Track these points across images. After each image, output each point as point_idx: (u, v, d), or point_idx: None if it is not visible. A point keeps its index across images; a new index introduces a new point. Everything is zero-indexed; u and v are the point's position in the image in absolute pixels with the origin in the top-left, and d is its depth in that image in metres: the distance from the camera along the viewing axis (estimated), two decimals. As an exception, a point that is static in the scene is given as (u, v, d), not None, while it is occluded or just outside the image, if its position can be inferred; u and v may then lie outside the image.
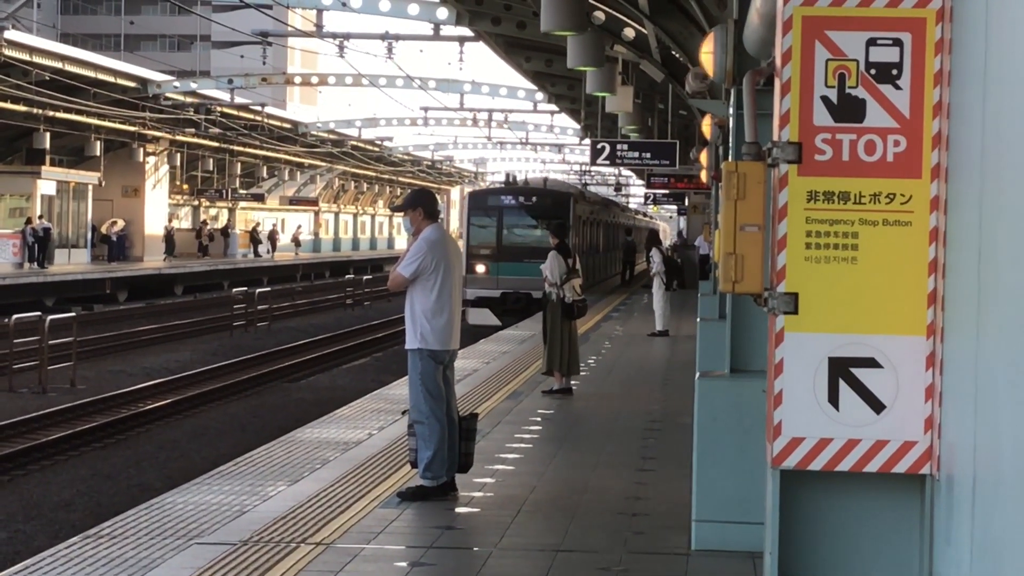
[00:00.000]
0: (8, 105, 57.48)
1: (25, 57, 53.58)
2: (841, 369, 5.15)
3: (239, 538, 11.50)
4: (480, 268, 47.90)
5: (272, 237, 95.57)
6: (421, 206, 13.69)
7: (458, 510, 12.84)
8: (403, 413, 14.20)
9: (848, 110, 5.17)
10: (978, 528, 4.46)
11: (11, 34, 50.15)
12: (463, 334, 14.04)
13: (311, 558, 10.91)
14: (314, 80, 65.44)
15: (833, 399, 5.15)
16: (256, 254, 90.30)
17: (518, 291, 46.52)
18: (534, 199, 49.71)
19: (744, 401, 10.82)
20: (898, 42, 5.16)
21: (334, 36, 42.59)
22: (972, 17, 4.83)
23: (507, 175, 57.67)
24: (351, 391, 28.97)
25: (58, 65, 56.37)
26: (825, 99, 5.17)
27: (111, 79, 61.32)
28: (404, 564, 10.80)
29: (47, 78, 55.65)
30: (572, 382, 21.88)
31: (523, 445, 16.63)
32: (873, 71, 5.17)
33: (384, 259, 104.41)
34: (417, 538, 11.73)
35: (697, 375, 11.63)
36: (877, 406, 5.15)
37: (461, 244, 40.99)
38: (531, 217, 49.32)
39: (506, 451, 16.08)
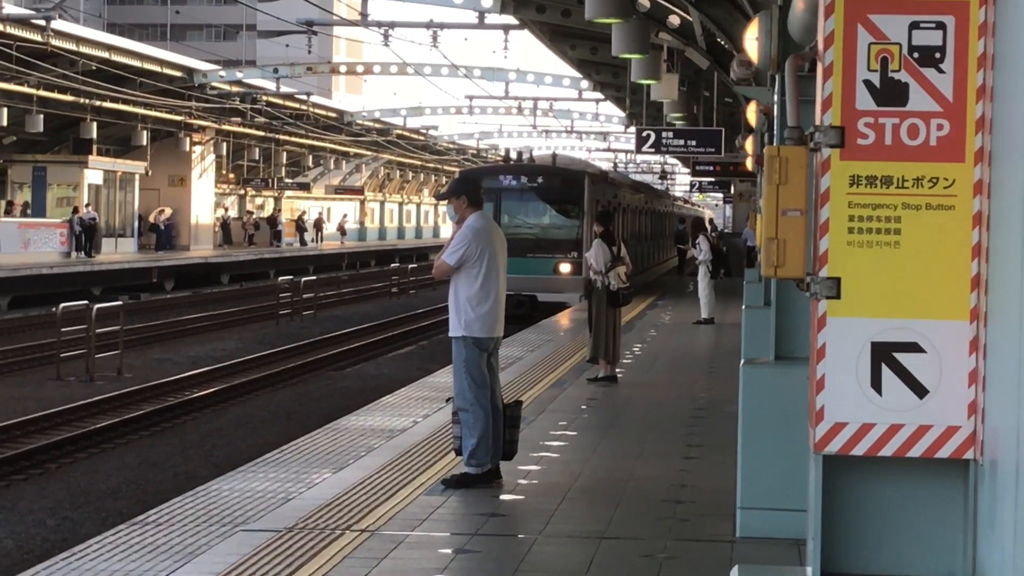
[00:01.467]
0: (55, 95, 57.70)
1: (72, 47, 53.77)
2: (884, 354, 5.14)
3: (284, 525, 11.54)
4: None
5: (318, 226, 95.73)
6: (465, 193, 13.70)
7: (502, 497, 12.85)
8: (447, 400, 14.20)
9: (891, 94, 5.15)
10: (1022, 513, 4.44)
11: (58, 24, 50.32)
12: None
13: (356, 545, 10.94)
14: (359, 69, 65.46)
15: (876, 384, 5.14)
16: (302, 243, 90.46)
17: (520, 293, 38.62)
18: (539, 180, 42.07)
19: (789, 388, 10.78)
20: (941, 25, 5.14)
21: (379, 25, 42.62)
22: (1015, 0, 4.80)
23: (506, 151, 50.06)
24: (396, 379, 29.02)
25: (105, 55, 56.54)
26: (868, 83, 5.15)
27: (157, 69, 61.48)
28: (449, 551, 10.81)
29: (94, 68, 55.82)
30: (617, 370, 21.87)
31: (568, 432, 16.64)
32: (916, 55, 5.15)
33: (429, 248, 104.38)
34: (462, 525, 11.75)
35: (742, 362, 11.61)
36: (920, 391, 5.13)
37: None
38: (535, 202, 42.40)
39: (550, 439, 16.09)
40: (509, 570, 10.32)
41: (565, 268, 40.83)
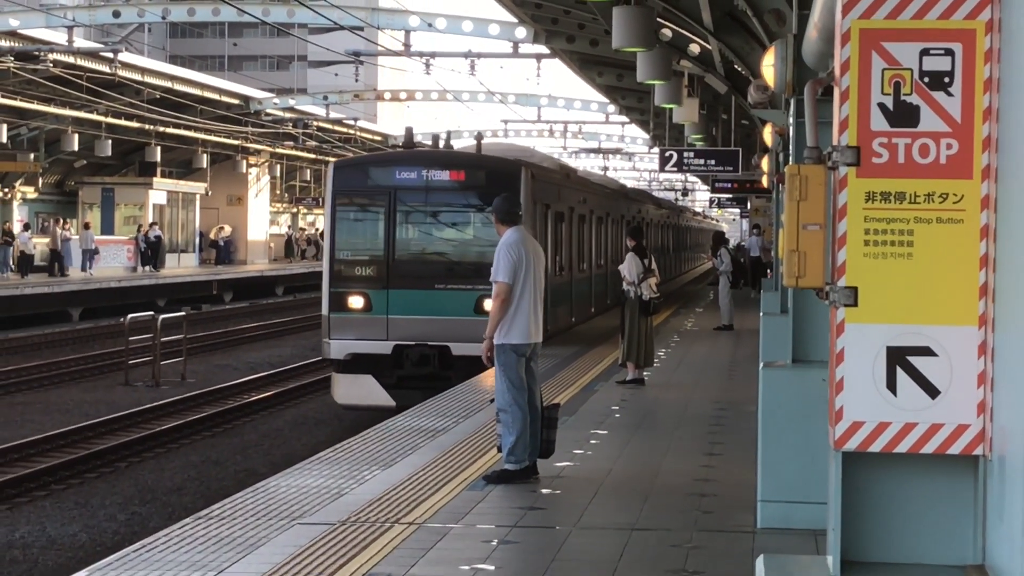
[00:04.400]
0: (122, 122, 57.96)
1: (138, 77, 53.98)
2: (898, 357, 5.12)
3: (338, 518, 11.55)
4: (353, 301, 25.39)
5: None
6: (495, 212, 13.72)
7: (540, 491, 12.84)
8: (490, 402, 14.19)
9: (903, 116, 5.13)
10: (1029, 505, 4.42)
11: (125, 56, 50.47)
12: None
13: (404, 537, 10.94)
14: (403, 96, 65.53)
15: (891, 385, 5.11)
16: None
17: (423, 344, 24.92)
18: (454, 175, 26.17)
19: (806, 389, 10.76)
20: (950, 52, 5.12)
21: (421, 55, 42.63)
22: (1019, 28, 4.78)
23: (407, 131, 30.17)
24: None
25: (168, 84, 56.74)
26: (881, 106, 5.13)
27: (216, 97, 61.69)
28: (491, 542, 10.80)
29: (158, 96, 56.04)
30: (644, 373, 21.85)
31: (600, 432, 16.62)
32: (926, 79, 5.13)
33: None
34: (502, 518, 11.74)
35: (761, 365, 11.58)
36: (932, 392, 5.11)
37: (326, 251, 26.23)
38: (448, 207, 26.40)
39: (584, 437, 16.07)
40: (547, 560, 10.31)
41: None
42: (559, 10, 31.44)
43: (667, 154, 37.03)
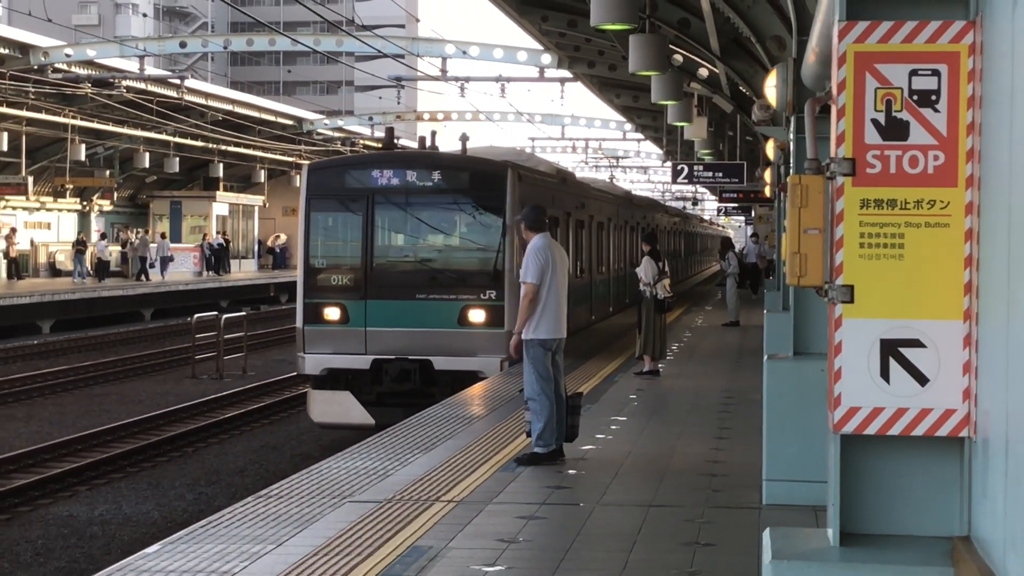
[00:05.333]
0: (188, 141, 58.18)
1: (202, 101, 54.12)
2: (891, 349, 5.10)
3: (384, 496, 11.56)
4: (329, 313, 21.73)
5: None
6: (523, 220, 13.72)
7: (566, 472, 12.83)
8: (520, 392, 14.18)
9: (894, 130, 5.11)
10: (1011, 483, 4.40)
11: (191, 82, 50.68)
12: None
13: (445, 512, 10.94)
14: (440, 116, 65.54)
15: (884, 374, 5.10)
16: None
17: (403, 358, 21.39)
18: (434, 177, 22.21)
19: (806, 378, 10.75)
20: (936, 72, 5.10)
21: (456, 79, 42.65)
22: (999, 51, 4.77)
23: (387, 131, 27.17)
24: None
25: (229, 107, 56.88)
26: (875, 121, 5.12)
27: (272, 118, 61.82)
28: (522, 518, 10.80)
29: (220, 118, 56.19)
30: (659, 365, 21.83)
31: (619, 418, 16.60)
32: (915, 97, 5.11)
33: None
34: (532, 496, 11.74)
35: (765, 358, 11.57)
36: (922, 380, 5.10)
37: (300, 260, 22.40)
38: (429, 211, 22.40)
39: (606, 423, 16.05)
40: (573, 533, 10.30)
41: (478, 316, 21.44)
42: (580, 39, 31.40)
43: (679, 167, 36.98)
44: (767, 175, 30.80)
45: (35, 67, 42.24)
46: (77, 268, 54.82)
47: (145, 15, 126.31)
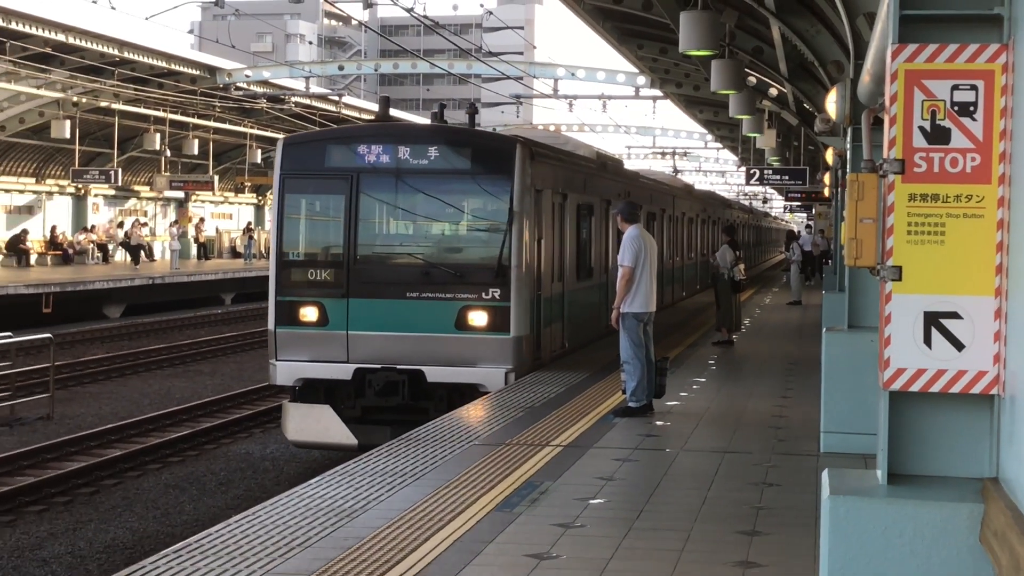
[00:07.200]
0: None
1: (355, 115, 54.54)
2: (933, 319, 5.05)
3: (504, 440, 11.63)
4: (305, 313, 15.81)
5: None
6: (619, 213, 13.68)
7: (655, 423, 12.82)
8: (618, 358, 14.16)
9: (938, 136, 5.05)
10: (1033, 432, 4.35)
11: (347, 99, 51.08)
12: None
13: (553, 455, 10.98)
14: (552, 128, 65.50)
15: (927, 341, 5.04)
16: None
17: (394, 365, 15.54)
18: (432, 152, 15.80)
19: (858, 347, 10.68)
20: (974, 87, 5.03)
21: (565, 97, 42.63)
22: (1029, 68, 4.71)
23: (382, 100, 18.66)
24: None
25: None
26: (922, 128, 5.06)
27: (413, 129, 62.08)
28: (618, 460, 10.81)
29: (370, 129, 56.52)
30: (734, 336, 21.70)
31: (700, 379, 16.53)
32: (956, 108, 5.05)
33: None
34: (626, 442, 11.74)
35: (824, 330, 11.48)
36: (959, 346, 5.04)
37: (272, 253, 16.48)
38: (423, 194, 15.94)
39: (688, 383, 16.00)
40: (660, 474, 10.29)
41: (479, 319, 15.67)
42: (670, 63, 31.21)
43: (751, 172, 36.74)
44: (826, 178, 30.50)
45: (221, 86, 42.90)
46: (247, 251, 55.73)
47: (311, 43, 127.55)
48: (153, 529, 13.47)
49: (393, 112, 51.39)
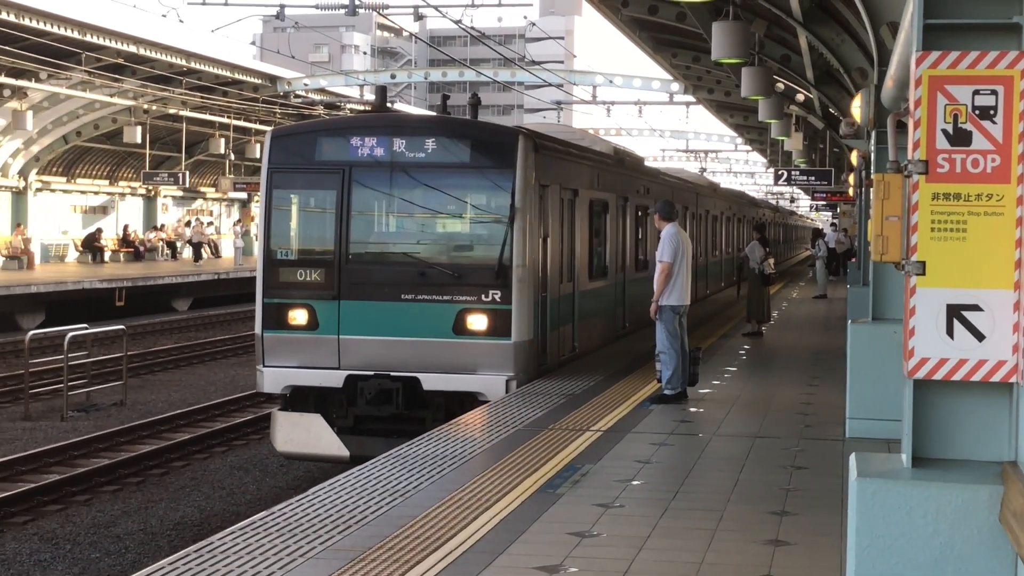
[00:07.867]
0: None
1: (406, 120, 54.65)
2: (955, 311, 5.01)
3: (547, 425, 11.63)
4: (294, 316, 14.03)
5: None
6: (658, 212, 13.64)
7: (689, 409, 12.79)
8: (652, 347, 14.12)
9: (960, 138, 5.02)
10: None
11: (398, 105, 51.11)
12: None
13: (594, 439, 10.98)
14: (590, 132, 65.42)
15: (949, 332, 5.01)
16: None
17: (388, 372, 13.70)
18: (429, 145, 13.94)
19: (882, 338, 10.62)
20: (994, 92, 4.99)
21: (604, 103, 42.55)
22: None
23: (378, 90, 16.29)
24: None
25: (427, 125, 57.24)
26: (944, 131, 5.02)
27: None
28: (654, 444, 10.80)
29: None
30: (763, 327, 21.62)
31: (731, 368, 16.48)
32: (977, 112, 5.01)
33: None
34: (662, 427, 11.73)
35: (849, 322, 11.42)
36: (979, 336, 5.00)
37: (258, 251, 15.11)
38: (419, 188, 14.02)
39: (720, 372, 15.95)
40: (695, 457, 10.27)
41: (479, 323, 13.87)
42: (702, 70, 31.06)
43: (779, 173, 36.57)
44: (851, 179, 30.29)
45: (281, 93, 43.07)
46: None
47: (365, 53, 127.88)
48: (219, 508, 13.57)
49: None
